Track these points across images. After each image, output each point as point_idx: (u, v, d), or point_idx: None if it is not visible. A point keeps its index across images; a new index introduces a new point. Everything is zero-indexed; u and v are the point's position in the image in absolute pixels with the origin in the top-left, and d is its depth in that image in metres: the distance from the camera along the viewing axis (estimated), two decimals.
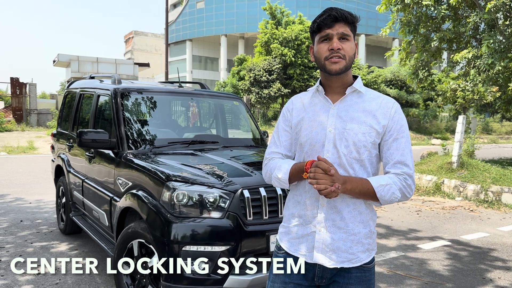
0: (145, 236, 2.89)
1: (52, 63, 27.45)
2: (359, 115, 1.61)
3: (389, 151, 1.62)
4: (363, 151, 1.59)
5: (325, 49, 1.59)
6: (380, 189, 1.55)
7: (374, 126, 1.60)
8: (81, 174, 4.45)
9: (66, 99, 5.51)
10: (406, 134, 1.64)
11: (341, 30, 1.57)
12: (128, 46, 57.96)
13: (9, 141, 16.42)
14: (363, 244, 1.64)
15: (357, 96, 1.66)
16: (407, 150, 1.62)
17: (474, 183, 7.92)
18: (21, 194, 7.43)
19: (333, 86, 1.67)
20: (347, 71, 1.63)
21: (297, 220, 1.68)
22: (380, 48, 45.81)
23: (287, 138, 1.76)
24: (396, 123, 1.62)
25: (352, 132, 1.58)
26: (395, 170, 1.60)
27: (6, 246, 4.58)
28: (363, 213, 1.64)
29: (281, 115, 1.81)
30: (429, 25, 10.05)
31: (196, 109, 4.60)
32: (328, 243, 1.60)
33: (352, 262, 1.62)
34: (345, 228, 1.61)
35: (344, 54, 1.58)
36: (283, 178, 1.66)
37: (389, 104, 1.65)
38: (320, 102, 1.68)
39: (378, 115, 1.62)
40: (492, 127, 35.48)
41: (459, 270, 4.25)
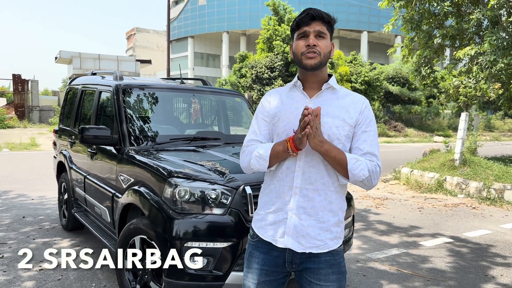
0: (147, 232, 2.89)
1: (54, 60, 27.47)
2: (334, 110, 1.73)
3: (358, 142, 1.74)
4: (337, 143, 1.69)
5: (302, 45, 1.71)
6: (353, 162, 1.65)
7: (347, 120, 1.72)
8: (83, 171, 4.45)
9: (68, 95, 5.50)
10: (374, 128, 1.77)
11: (317, 28, 1.69)
12: (130, 43, 57.93)
13: (11, 137, 16.46)
14: (331, 232, 1.73)
15: (332, 92, 1.78)
16: (375, 142, 1.75)
17: (477, 180, 7.90)
18: (24, 191, 7.44)
19: (310, 82, 1.78)
20: (322, 68, 1.74)
21: (271, 207, 1.77)
22: (382, 45, 45.68)
23: (266, 128, 1.84)
24: (366, 117, 1.75)
25: (327, 125, 1.69)
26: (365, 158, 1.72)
27: (9, 242, 4.59)
28: (333, 203, 1.73)
29: (259, 106, 1.90)
30: (431, 21, 10.00)
31: (198, 106, 4.59)
32: (299, 229, 1.70)
33: (320, 248, 1.71)
34: (315, 216, 1.70)
35: (320, 50, 1.69)
36: (264, 154, 1.72)
37: (360, 100, 1.78)
38: (298, 96, 1.80)
39: (350, 110, 1.74)
40: (495, 125, 35.38)
41: (461, 267, 4.24)
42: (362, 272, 4.03)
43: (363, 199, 7.66)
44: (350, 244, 3.59)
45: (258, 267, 1.79)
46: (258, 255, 1.80)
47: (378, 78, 29.29)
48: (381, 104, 30.89)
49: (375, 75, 29.21)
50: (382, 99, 31.09)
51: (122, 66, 26.25)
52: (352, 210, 3.63)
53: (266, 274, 1.78)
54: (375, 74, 29.25)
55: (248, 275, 1.83)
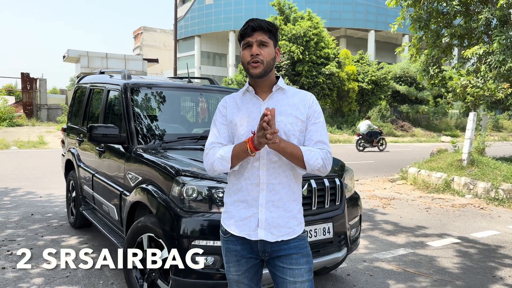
0: (154, 230, 2.91)
1: (62, 58, 27.63)
2: (286, 108, 1.89)
3: (309, 133, 1.89)
4: (293, 139, 1.85)
5: (247, 54, 1.85)
6: (307, 154, 1.79)
7: (299, 117, 1.88)
8: (91, 169, 4.49)
9: (76, 94, 5.54)
10: (322, 120, 1.94)
11: (259, 38, 1.84)
12: (137, 42, 58.15)
13: (19, 135, 16.59)
14: (297, 219, 1.92)
15: (282, 93, 1.93)
16: (324, 132, 1.92)
17: (485, 180, 7.84)
18: (32, 188, 7.51)
19: (260, 86, 1.92)
20: (268, 74, 1.88)
21: (240, 205, 1.90)
22: (390, 44, 45.45)
23: (225, 131, 1.95)
24: (314, 111, 1.92)
25: (282, 123, 1.85)
26: (316, 147, 1.87)
27: (17, 239, 4.64)
28: (295, 193, 1.92)
29: (216, 112, 2.01)
30: (440, 20, 9.93)
31: (205, 105, 4.60)
32: (270, 221, 1.85)
33: (289, 235, 1.88)
34: (283, 207, 1.87)
35: (262, 59, 1.83)
36: (226, 156, 1.83)
37: (307, 97, 1.94)
38: (251, 101, 1.93)
39: (300, 107, 1.90)
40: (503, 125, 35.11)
41: (469, 268, 4.22)
42: (369, 272, 4.02)
43: (370, 199, 7.64)
44: (357, 243, 3.58)
45: (238, 259, 1.94)
46: (234, 248, 1.93)
47: (385, 77, 29.16)
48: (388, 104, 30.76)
49: (382, 75, 29.08)
50: (389, 98, 30.96)
51: (129, 65, 26.35)
52: (359, 210, 3.63)
53: (246, 262, 1.94)
54: (382, 74, 29.12)
55: (230, 269, 1.96)
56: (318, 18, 27.48)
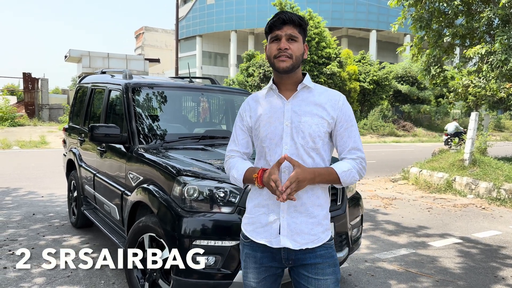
0: (156, 230, 2.91)
1: (64, 58, 27.67)
2: (311, 108, 1.77)
3: (342, 139, 1.80)
4: (318, 141, 1.76)
5: (274, 48, 1.76)
6: (343, 175, 1.74)
7: (325, 118, 1.77)
8: (93, 168, 4.49)
9: (77, 94, 5.55)
10: (354, 123, 1.83)
11: (289, 31, 1.74)
12: (139, 42, 58.19)
13: (21, 135, 16.62)
14: (322, 225, 1.80)
15: (307, 91, 1.82)
16: (357, 137, 1.83)
17: (487, 180, 7.83)
18: (34, 188, 7.52)
19: (285, 84, 1.82)
20: (295, 70, 1.79)
21: (260, 210, 1.81)
22: (392, 44, 45.41)
23: (244, 137, 1.92)
24: (345, 114, 1.80)
25: (307, 124, 1.75)
26: (351, 155, 1.79)
27: (19, 239, 4.64)
28: (320, 197, 1.80)
29: (238, 115, 1.97)
30: (441, 20, 9.91)
31: (207, 104, 4.60)
32: (292, 227, 1.75)
33: (314, 242, 1.78)
34: (306, 212, 1.76)
35: (291, 53, 1.74)
36: (238, 178, 1.83)
37: (336, 97, 1.81)
38: (275, 100, 1.83)
39: (327, 108, 1.78)
40: (505, 124, 35.03)
41: (471, 268, 4.21)
42: (371, 272, 4.02)
43: (371, 199, 7.63)
44: (358, 244, 3.58)
45: (257, 266, 1.84)
46: (254, 254, 1.85)
47: (387, 77, 29.13)
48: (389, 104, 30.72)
49: (384, 74, 29.05)
50: (391, 98, 30.92)
51: (131, 65, 26.37)
52: (361, 210, 3.62)
53: (266, 270, 1.84)
54: (384, 73, 29.09)
55: (248, 275, 1.87)
56: (320, 18, 27.46)
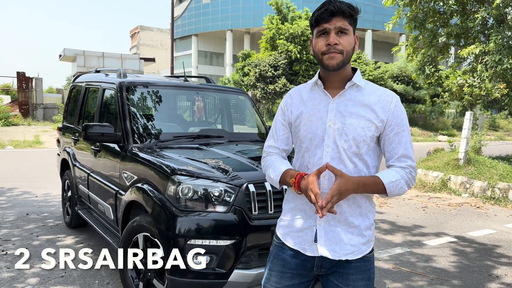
0: (150, 230, 2.89)
1: (58, 58, 27.53)
2: (358, 109, 1.61)
3: (391, 145, 1.63)
4: (362, 146, 1.60)
5: (323, 43, 1.58)
6: (390, 186, 1.57)
7: (373, 121, 1.60)
8: (87, 168, 4.46)
9: (71, 93, 5.51)
10: (406, 127, 1.65)
11: (338, 24, 1.56)
12: (134, 41, 57.97)
13: (15, 135, 16.51)
14: (364, 236, 1.66)
15: (356, 90, 1.65)
16: (409, 143, 1.64)
17: (481, 179, 7.86)
18: (28, 188, 7.47)
19: (332, 81, 1.66)
20: (345, 66, 1.62)
21: (297, 214, 1.70)
22: (387, 44, 45.49)
23: (284, 133, 1.79)
24: (397, 117, 1.62)
25: (352, 127, 1.59)
26: (400, 164, 1.63)
27: (12, 239, 4.61)
28: (362, 207, 1.65)
29: (279, 108, 1.82)
30: (436, 20, 9.94)
31: (202, 103, 4.58)
32: (330, 236, 1.63)
33: (354, 254, 1.64)
34: (345, 221, 1.63)
35: (342, 49, 1.57)
36: (274, 179, 1.72)
37: (388, 98, 1.64)
38: (319, 96, 1.68)
39: (377, 109, 1.61)
40: (499, 124, 35.20)
41: (465, 267, 4.22)
42: None
43: None
44: None
45: (283, 270, 1.72)
46: (283, 257, 1.72)
47: (383, 77, 29.20)
48: None
49: (380, 74, 29.11)
50: None
51: (126, 64, 26.27)
52: None
53: (291, 277, 1.71)
54: (379, 73, 29.15)
55: (271, 278, 1.75)
56: None
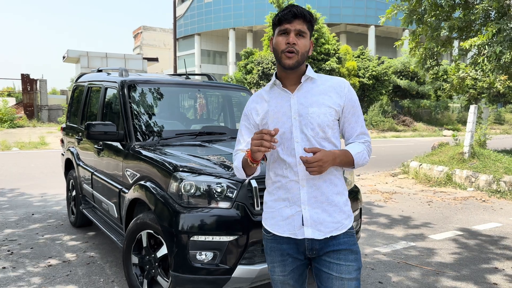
0: (153, 227, 2.90)
1: (62, 59, 27.64)
2: (317, 98, 1.78)
3: (350, 125, 1.83)
4: (327, 130, 1.76)
5: (282, 42, 1.73)
6: (357, 156, 1.77)
7: (332, 106, 1.77)
8: (90, 167, 4.48)
9: (74, 93, 5.53)
10: (359, 108, 1.86)
11: (298, 27, 1.72)
12: (137, 41, 58.10)
13: (21, 137, 16.61)
14: (344, 212, 1.80)
15: (311, 82, 1.82)
16: (363, 122, 1.87)
17: (486, 173, 7.81)
18: (33, 188, 7.51)
19: (289, 78, 1.81)
20: (300, 66, 1.77)
21: (281, 203, 1.81)
22: (390, 39, 45.28)
23: (249, 136, 1.89)
24: (351, 100, 1.81)
25: (315, 114, 1.75)
26: (359, 140, 1.84)
27: (18, 239, 4.64)
28: (337, 185, 1.81)
29: (242, 115, 1.96)
30: (438, 13, 9.87)
31: (204, 101, 4.59)
32: (315, 218, 1.75)
33: (339, 229, 1.78)
34: (327, 201, 1.77)
35: (298, 50, 1.72)
36: (238, 166, 1.83)
37: (341, 84, 1.82)
38: (280, 95, 1.82)
39: (333, 95, 1.79)
40: (505, 118, 34.97)
41: (471, 260, 4.20)
42: (370, 265, 4.01)
43: (371, 193, 7.62)
44: (358, 237, 3.57)
45: (284, 258, 1.83)
46: (279, 247, 1.83)
47: (386, 72, 29.07)
48: (389, 99, 30.66)
49: (383, 70, 28.99)
50: (390, 93, 30.85)
51: (129, 64, 26.34)
52: (359, 203, 3.61)
53: (292, 262, 1.83)
54: (383, 69, 29.02)
55: (275, 269, 1.86)
56: (318, 14, 27.38)
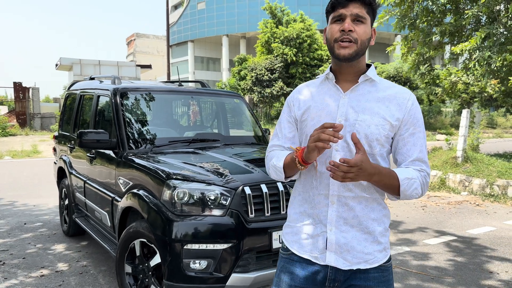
0: (146, 236, 2.87)
1: (55, 67, 27.55)
2: (372, 105, 1.48)
3: (405, 147, 1.50)
4: (375, 145, 1.47)
5: (336, 29, 1.46)
6: (406, 182, 1.43)
7: (388, 118, 1.47)
8: (83, 175, 4.44)
9: (67, 101, 5.50)
10: (422, 129, 1.52)
11: (355, 11, 1.43)
12: (130, 48, 58.07)
13: (13, 145, 16.48)
14: (379, 243, 1.51)
15: (371, 85, 1.52)
16: (424, 147, 1.52)
17: (480, 177, 7.86)
18: (25, 197, 7.44)
19: (344, 74, 1.53)
20: (359, 58, 1.49)
21: (305, 219, 1.56)
22: (382, 45, 45.41)
23: (291, 130, 1.63)
24: (413, 116, 1.50)
25: (364, 123, 1.45)
26: (414, 166, 1.49)
27: (10, 249, 4.58)
28: (375, 209, 1.51)
29: (285, 105, 1.67)
30: (430, 19, 9.97)
31: (197, 108, 4.58)
32: (342, 243, 1.48)
33: (369, 263, 1.49)
34: (359, 226, 1.48)
35: (356, 37, 1.44)
36: (278, 165, 1.56)
37: (405, 95, 1.51)
38: (330, 91, 1.54)
39: (392, 107, 1.48)
40: (497, 121, 35.26)
41: (465, 264, 4.20)
42: None
43: None
44: None
45: (291, 284, 1.56)
46: (292, 269, 1.57)
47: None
48: None
49: None
50: None
51: (123, 72, 26.31)
52: None
53: None
54: None
55: None
56: (311, 20, 27.59)
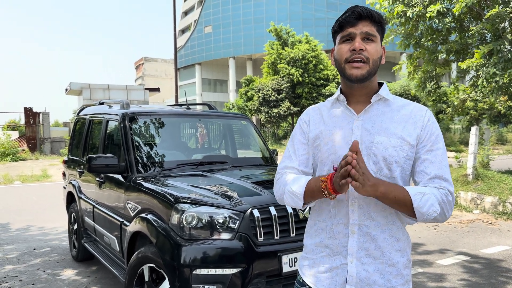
0: (155, 261, 2.85)
1: (65, 91, 27.98)
2: (388, 126, 1.41)
3: (423, 164, 1.40)
4: (395, 168, 1.38)
5: (346, 49, 1.40)
6: (418, 198, 1.31)
7: (406, 138, 1.39)
8: (92, 200, 4.45)
9: (76, 125, 5.56)
10: (442, 146, 1.42)
11: (365, 29, 1.38)
12: (139, 72, 59.00)
13: (23, 170, 16.62)
14: (402, 276, 1.41)
15: (384, 104, 1.46)
16: (444, 163, 1.40)
17: (492, 195, 7.73)
18: (34, 222, 7.45)
19: (356, 95, 1.47)
20: (372, 78, 1.44)
21: (323, 250, 1.46)
22: (388, 63, 45.71)
23: (305, 152, 1.53)
24: (429, 132, 1.41)
25: (382, 146, 1.38)
26: (432, 184, 1.38)
27: (19, 275, 4.56)
28: (400, 240, 1.42)
29: (296, 126, 1.60)
30: (435, 37, 10.03)
31: (204, 130, 4.60)
32: (363, 276, 1.38)
33: None
34: (382, 258, 1.39)
35: (368, 56, 1.38)
36: (297, 192, 1.43)
37: (421, 112, 1.44)
38: (342, 113, 1.48)
39: (409, 126, 1.41)
40: (507, 138, 34.91)
41: (481, 285, 4.10)
42: None
43: None
44: None
45: None
46: None
47: None
48: None
49: None
50: None
51: (131, 95, 26.62)
52: None
53: None
54: None
55: None
56: (316, 41, 27.87)
